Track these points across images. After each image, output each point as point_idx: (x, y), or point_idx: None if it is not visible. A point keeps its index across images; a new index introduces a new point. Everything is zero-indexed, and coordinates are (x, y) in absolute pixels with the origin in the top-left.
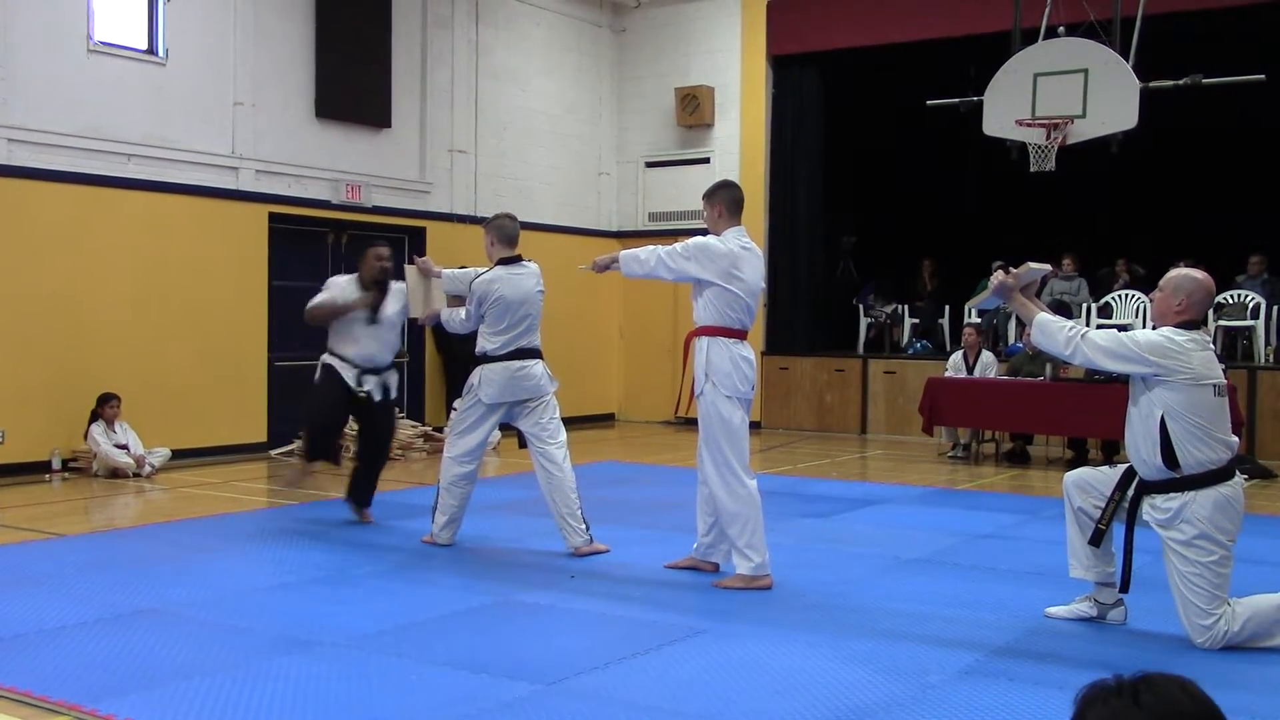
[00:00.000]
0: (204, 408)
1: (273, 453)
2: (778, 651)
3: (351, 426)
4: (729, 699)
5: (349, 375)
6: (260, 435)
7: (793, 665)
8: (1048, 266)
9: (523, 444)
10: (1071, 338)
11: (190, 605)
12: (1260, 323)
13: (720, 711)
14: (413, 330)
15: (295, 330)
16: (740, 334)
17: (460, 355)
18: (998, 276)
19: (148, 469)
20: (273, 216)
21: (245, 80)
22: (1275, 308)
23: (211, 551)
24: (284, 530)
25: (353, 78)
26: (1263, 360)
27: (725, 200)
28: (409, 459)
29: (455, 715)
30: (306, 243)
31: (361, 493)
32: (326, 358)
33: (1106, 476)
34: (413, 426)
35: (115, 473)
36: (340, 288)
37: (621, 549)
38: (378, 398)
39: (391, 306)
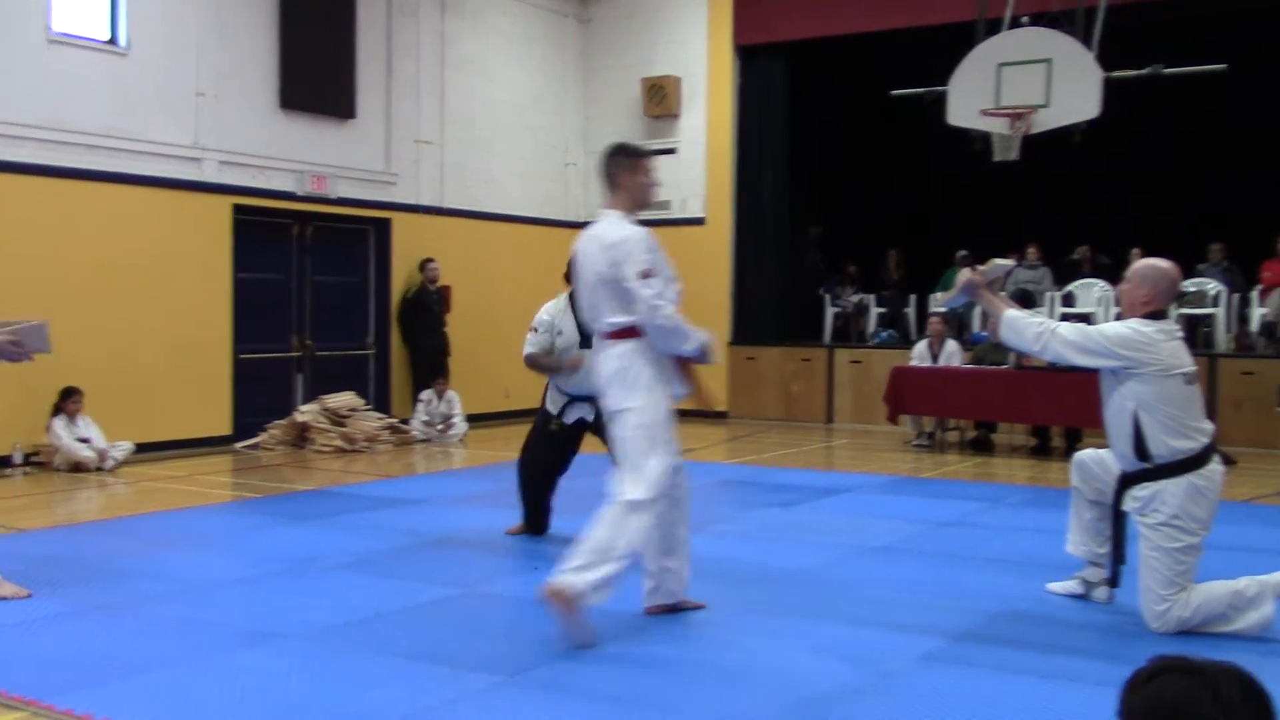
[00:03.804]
0: (168, 401)
1: (237, 445)
2: (740, 642)
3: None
4: (690, 688)
5: (558, 403)
6: (225, 428)
7: (754, 655)
8: (1012, 262)
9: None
10: (1041, 334)
11: (152, 599)
12: (1221, 310)
13: (681, 701)
14: (379, 321)
15: (260, 323)
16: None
17: (426, 347)
18: (964, 274)
19: (110, 463)
20: (237, 208)
21: (208, 70)
22: (1235, 296)
23: (174, 545)
24: (248, 524)
25: (317, 68)
26: (1224, 347)
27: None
28: (375, 451)
29: (417, 707)
30: (271, 235)
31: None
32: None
33: (1104, 464)
34: (379, 419)
35: (77, 467)
36: (552, 320)
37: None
38: (591, 419)
39: None
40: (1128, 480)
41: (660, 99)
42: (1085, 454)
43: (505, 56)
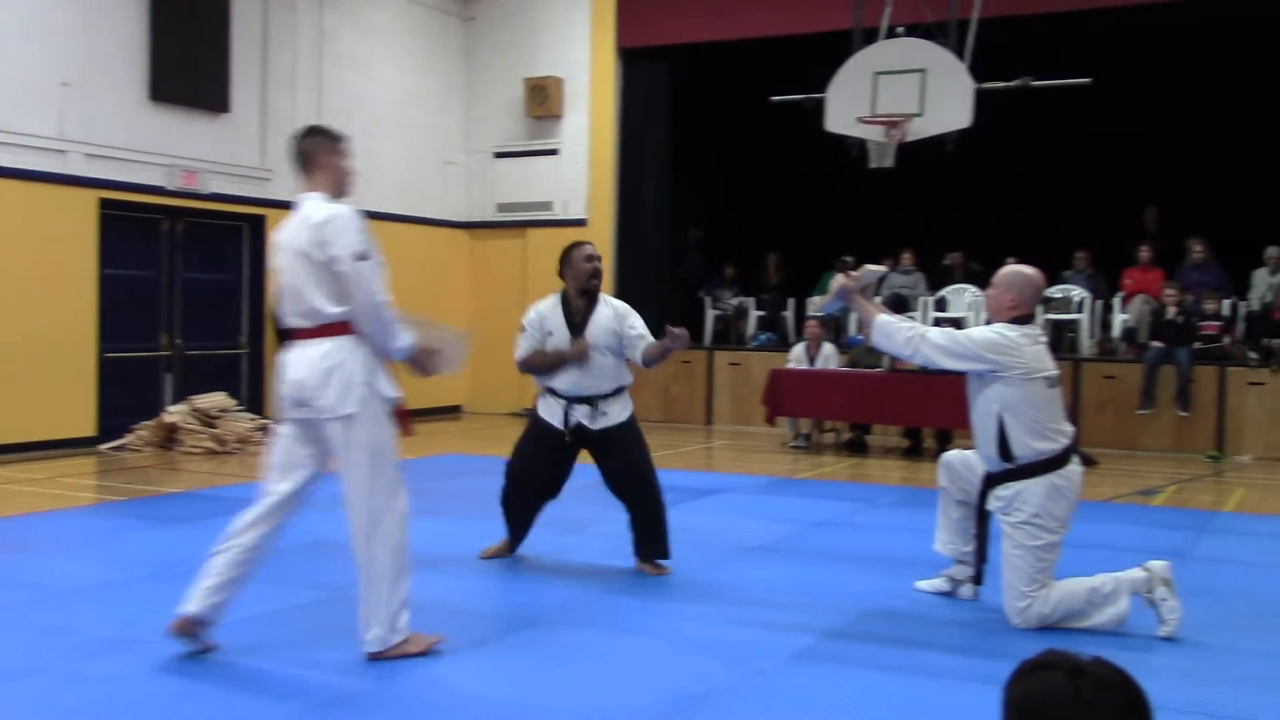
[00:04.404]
0: (28, 401)
1: (102, 447)
2: (614, 642)
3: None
4: (563, 690)
5: (555, 412)
6: (89, 429)
7: (629, 654)
8: (884, 268)
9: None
10: (911, 338)
11: (9, 606)
12: (1085, 316)
13: (554, 703)
14: (253, 319)
15: (128, 320)
16: None
17: None
18: (838, 279)
19: None
20: (103, 202)
21: (74, 60)
22: (1099, 302)
23: (33, 550)
24: (111, 527)
25: (189, 59)
26: (1087, 352)
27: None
28: (247, 453)
29: (284, 713)
30: (140, 230)
31: (642, 548)
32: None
33: (970, 465)
34: (251, 420)
35: None
36: (540, 318)
37: (462, 541)
38: (594, 428)
39: (604, 319)
40: (992, 480)
41: (542, 99)
42: (952, 455)
43: (385, 53)
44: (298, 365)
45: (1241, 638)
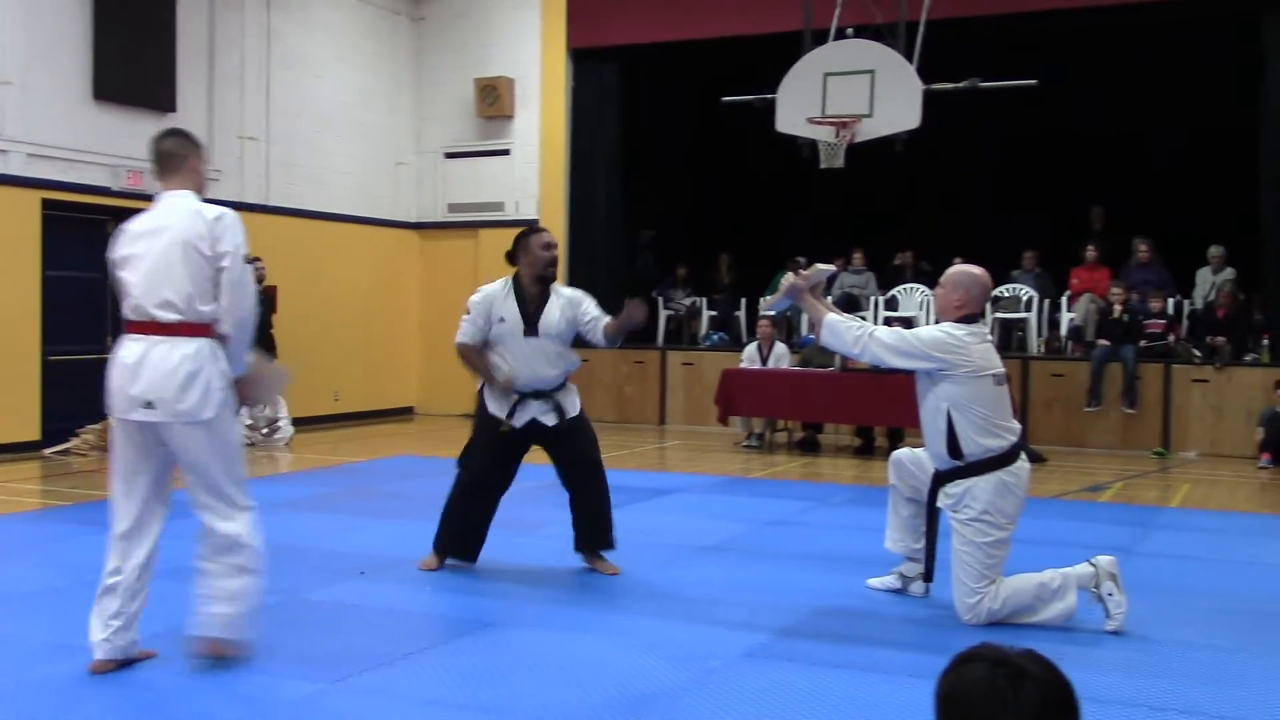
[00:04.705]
0: None
1: (46, 451)
2: (566, 642)
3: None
4: (515, 691)
5: (501, 407)
6: (33, 433)
7: (581, 655)
8: (834, 267)
9: None
10: (859, 337)
11: None
12: (1033, 315)
13: (506, 703)
14: None
15: (72, 323)
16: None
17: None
18: (788, 279)
19: None
20: (46, 203)
21: (15, 58)
22: (1047, 300)
23: None
24: (56, 532)
25: (133, 58)
26: (1035, 350)
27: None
28: None
29: (230, 719)
30: (84, 231)
31: (588, 538)
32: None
33: (920, 463)
34: None
35: None
36: (489, 302)
37: (412, 543)
38: (550, 424)
39: (556, 309)
40: (941, 478)
41: (494, 100)
42: (902, 453)
43: (335, 52)
44: (155, 364)
45: (1185, 631)
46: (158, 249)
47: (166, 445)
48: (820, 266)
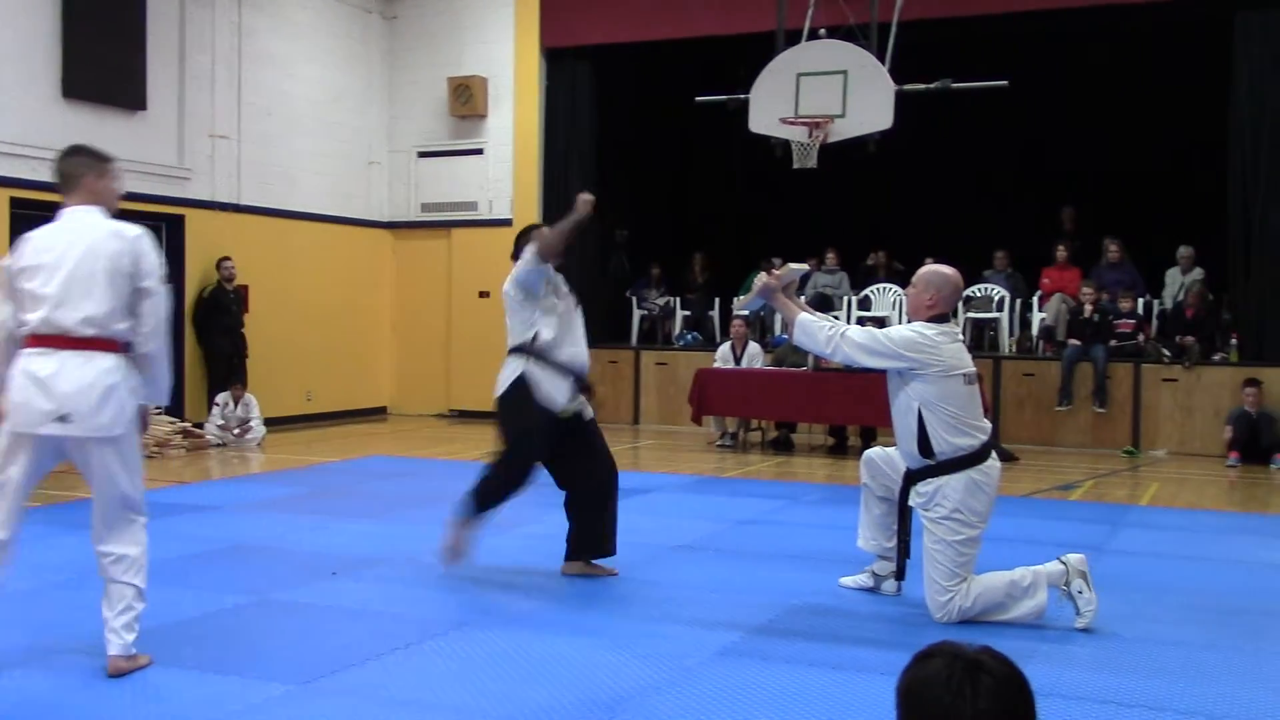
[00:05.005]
0: None
1: None
2: (540, 641)
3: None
4: (488, 691)
5: (559, 393)
6: None
7: (554, 654)
8: (806, 267)
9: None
10: (831, 336)
11: None
12: (1005, 315)
13: (478, 703)
14: (173, 321)
15: None
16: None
17: (222, 348)
18: (761, 278)
19: None
20: (14, 202)
21: None
22: (1018, 301)
23: None
24: (24, 533)
25: (103, 56)
26: (1007, 350)
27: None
28: (167, 456)
29: None
30: None
31: (600, 543)
32: (519, 364)
33: (892, 462)
34: (170, 423)
35: None
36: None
37: (385, 543)
38: (589, 416)
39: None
40: (912, 477)
41: (467, 99)
42: (874, 452)
43: (306, 51)
44: (69, 378)
45: (1155, 628)
46: (72, 263)
47: (67, 459)
48: (793, 266)
